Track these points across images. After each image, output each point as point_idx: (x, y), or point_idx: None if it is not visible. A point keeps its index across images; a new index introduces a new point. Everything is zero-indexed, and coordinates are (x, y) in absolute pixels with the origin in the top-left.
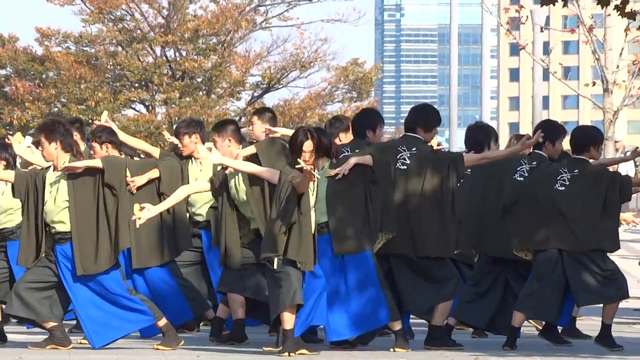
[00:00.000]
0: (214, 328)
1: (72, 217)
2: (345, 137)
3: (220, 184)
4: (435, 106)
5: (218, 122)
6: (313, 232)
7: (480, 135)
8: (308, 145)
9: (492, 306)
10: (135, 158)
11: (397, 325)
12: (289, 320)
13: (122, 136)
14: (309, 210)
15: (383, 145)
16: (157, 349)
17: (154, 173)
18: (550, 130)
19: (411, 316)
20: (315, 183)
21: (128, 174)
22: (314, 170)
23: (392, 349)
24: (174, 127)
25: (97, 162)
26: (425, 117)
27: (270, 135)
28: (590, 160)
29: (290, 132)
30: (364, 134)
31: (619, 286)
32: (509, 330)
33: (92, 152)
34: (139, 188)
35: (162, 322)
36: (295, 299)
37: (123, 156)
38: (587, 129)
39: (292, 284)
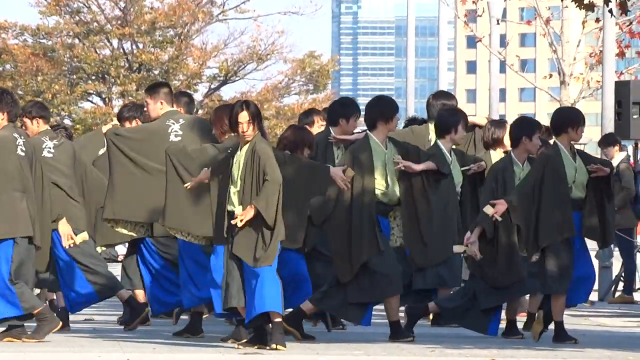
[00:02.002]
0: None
1: None
2: (311, 129)
3: None
4: (393, 98)
5: (151, 84)
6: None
7: (449, 118)
8: (243, 116)
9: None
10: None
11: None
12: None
13: None
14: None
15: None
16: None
17: None
18: (526, 126)
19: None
20: (240, 167)
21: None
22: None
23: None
24: (117, 113)
25: None
26: (380, 110)
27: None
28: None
29: None
30: (337, 121)
31: (562, 281)
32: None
33: (23, 127)
34: None
35: (37, 310)
36: (227, 301)
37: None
38: (566, 110)
39: (228, 284)
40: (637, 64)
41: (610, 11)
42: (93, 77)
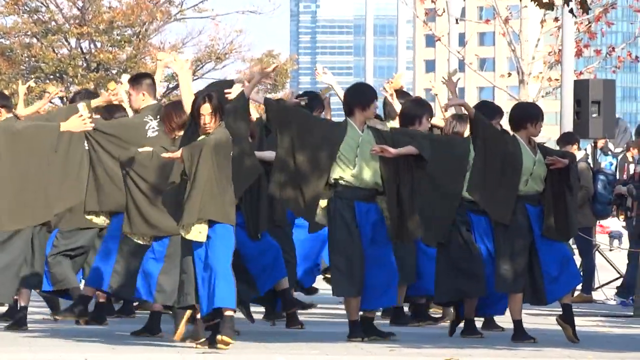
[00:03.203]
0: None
1: None
2: None
3: None
4: (372, 86)
5: (133, 75)
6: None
7: (414, 109)
8: (205, 109)
9: None
10: None
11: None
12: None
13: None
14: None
15: None
16: None
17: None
18: (486, 111)
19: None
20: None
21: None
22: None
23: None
24: (69, 99)
25: None
26: (358, 97)
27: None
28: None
29: None
30: None
31: (516, 280)
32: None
33: None
34: None
35: None
36: (182, 299)
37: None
38: (525, 106)
39: (183, 282)
40: (595, 63)
41: (571, 11)
42: (51, 77)
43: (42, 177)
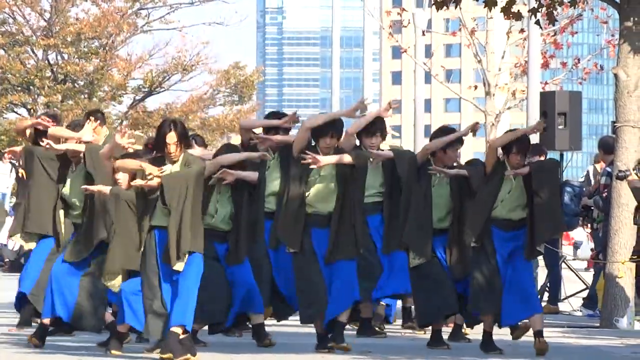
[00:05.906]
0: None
1: None
2: None
3: None
4: (317, 110)
5: (90, 110)
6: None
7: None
8: (171, 137)
9: None
10: None
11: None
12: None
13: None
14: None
15: None
16: None
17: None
18: (440, 137)
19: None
20: None
21: None
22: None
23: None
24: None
25: None
26: (318, 129)
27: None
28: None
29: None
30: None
31: (488, 302)
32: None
33: None
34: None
35: None
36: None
37: None
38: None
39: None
40: (562, 75)
41: (538, 22)
42: (18, 88)
43: None
